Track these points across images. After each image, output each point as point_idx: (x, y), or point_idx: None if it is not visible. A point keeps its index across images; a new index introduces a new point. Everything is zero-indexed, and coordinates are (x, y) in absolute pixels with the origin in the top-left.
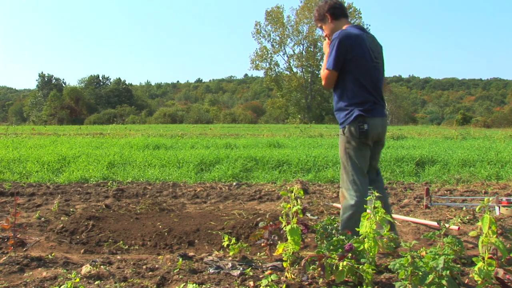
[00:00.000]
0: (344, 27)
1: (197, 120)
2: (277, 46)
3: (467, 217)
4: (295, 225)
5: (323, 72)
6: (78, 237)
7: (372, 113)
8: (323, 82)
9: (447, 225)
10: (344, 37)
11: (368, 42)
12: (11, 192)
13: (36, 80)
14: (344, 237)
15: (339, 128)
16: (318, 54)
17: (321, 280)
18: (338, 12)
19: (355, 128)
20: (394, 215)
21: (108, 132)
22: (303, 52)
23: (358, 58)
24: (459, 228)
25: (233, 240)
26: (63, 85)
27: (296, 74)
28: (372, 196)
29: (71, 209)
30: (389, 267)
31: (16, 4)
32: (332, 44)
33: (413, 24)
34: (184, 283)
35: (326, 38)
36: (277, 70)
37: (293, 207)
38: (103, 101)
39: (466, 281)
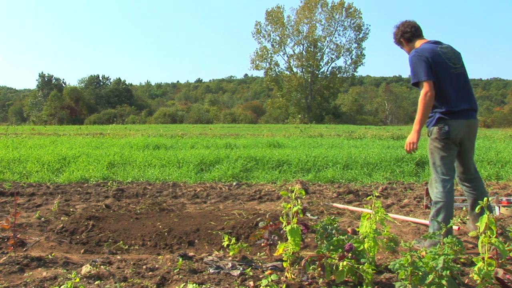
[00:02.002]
0: (418, 45)
1: (197, 120)
2: (277, 46)
3: (467, 217)
4: (295, 225)
5: (421, 86)
6: (78, 237)
7: (453, 115)
8: (424, 97)
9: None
10: (415, 53)
11: (443, 52)
12: (11, 192)
13: (36, 80)
14: (344, 237)
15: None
16: (318, 54)
17: (321, 280)
18: (409, 36)
19: (437, 130)
20: (394, 215)
21: (108, 132)
22: (303, 52)
23: (436, 68)
24: (459, 228)
25: (233, 240)
26: (63, 85)
27: (296, 74)
28: (373, 197)
29: (71, 209)
30: (389, 267)
31: (16, 4)
32: (410, 61)
33: None
34: (184, 283)
35: None
36: (277, 70)
37: (293, 207)
38: (103, 101)
39: (466, 281)
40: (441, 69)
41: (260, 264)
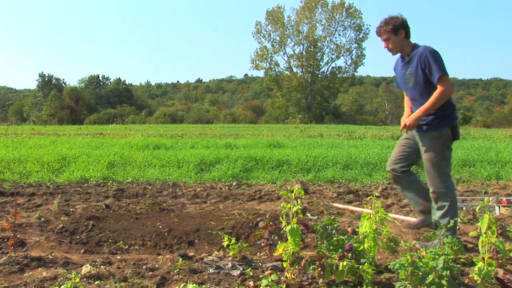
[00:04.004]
0: (410, 45)
1: (197, 120)
2: (277, 46)
3: (467, 217)
4: (295, 225)
5: (444, 81)
6: (78, 237)
7: (456, 116)
8: (448, 91)
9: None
10: (434, 49)
11: None
12: (11, 192)
13: (36, 80)
14: (344, 237)
15: (431, 132)
16: (318, 54)
17: (321, 280)
18: (409, 32)
19: (452, 131)
20: (394, 215)
21: (108, 132)
22: (303, 52)
23: None
24: (459, 228)
25: (233, 240)
26: (63, 85)
27: (296, 74)
28: (373, 197)
29: (71, 209)
30: (389, 267)
31: (16, 4)
32: (432, 55)
33: (412, 24)
34: (184, 283)
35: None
36: (277, 70)
37: (293, 207)
38: (103, 101)
39: (466, 281)
40: None
41: (260, 264)
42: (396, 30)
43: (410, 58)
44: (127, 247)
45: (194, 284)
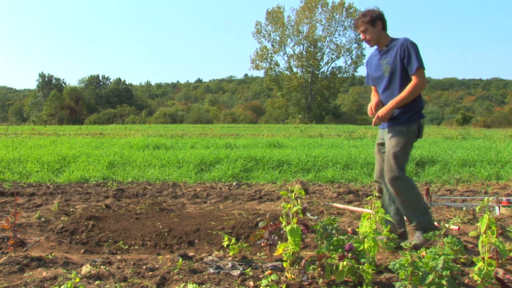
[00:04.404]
0: (388, 38)
1: (197, 120)
2: (277, 46)
3: (467, 217)
4: (295, 225)
5: (420, 73)
6: (78, 237)
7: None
8: (422, 84)
9: (447, 225)
10: (413, 41)
11: None
12: (11, 192)
13: (36, 80)
14: (344, 237)
15: (400, 126)
16: (318, 54)
17: (321, 280)
18: (386, 24)
19: (418, 127)
20: None
21: (108, 132)
22: (303, 52)
23: None
24: (459, 228)
25: (233, 240)
26: (63, 85)
27: (296, 74)
28: (373, 197)
29: (71, 209)
30: (389, 267)
31: (16, 4)
32: (413, 46)
33: (412, 24)
34: (184, 283)
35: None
36: (277, 70)
37: (293, 207)
38: (103, 101)
39: (466, 281)
40: None
41: (260, 264)
42: (373, 22)
43: (388, 49)
44: (127, 247)
45: (194, 284)
